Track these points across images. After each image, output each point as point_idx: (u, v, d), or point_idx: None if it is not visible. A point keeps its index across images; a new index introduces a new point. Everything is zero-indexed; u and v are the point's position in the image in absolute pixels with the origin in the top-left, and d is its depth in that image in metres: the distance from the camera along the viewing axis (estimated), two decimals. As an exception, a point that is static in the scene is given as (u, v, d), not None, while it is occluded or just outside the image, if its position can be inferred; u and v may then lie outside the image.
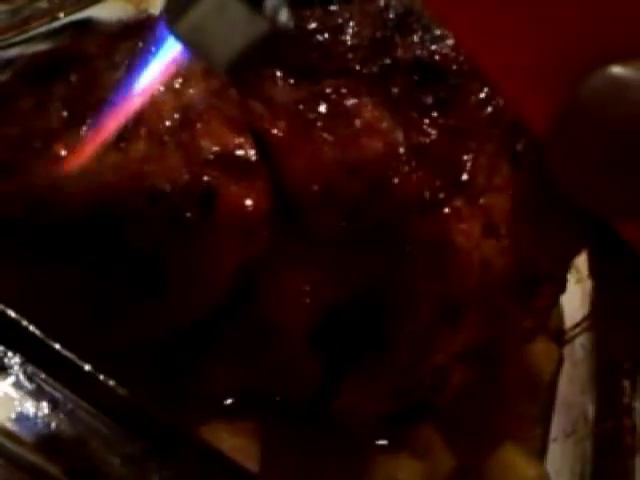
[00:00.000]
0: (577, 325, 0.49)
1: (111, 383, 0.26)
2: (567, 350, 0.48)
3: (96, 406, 0.26)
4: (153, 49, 0.31)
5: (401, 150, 0.32)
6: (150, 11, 0.48)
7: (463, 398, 0.38)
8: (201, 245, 0.30)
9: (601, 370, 0.42)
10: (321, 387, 0.34)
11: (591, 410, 0.41)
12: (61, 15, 0.40)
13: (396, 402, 0.35)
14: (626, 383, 0.40)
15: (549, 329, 0.48)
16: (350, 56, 0.33)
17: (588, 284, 0.50)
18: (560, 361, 0.47)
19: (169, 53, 0.28)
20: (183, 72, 0.33)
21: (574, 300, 0.51)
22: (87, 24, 0.46)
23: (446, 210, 0.32)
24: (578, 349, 0.47)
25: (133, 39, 0.35)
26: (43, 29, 0.42)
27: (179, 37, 0.24)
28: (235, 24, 0.23)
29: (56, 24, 0.44)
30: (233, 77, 0.33)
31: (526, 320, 0.37)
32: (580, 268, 0.51)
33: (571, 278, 0.51)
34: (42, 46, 0.41)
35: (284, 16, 0.23)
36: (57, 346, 0.27)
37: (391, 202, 0.31)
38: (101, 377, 0.26)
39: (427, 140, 0.32)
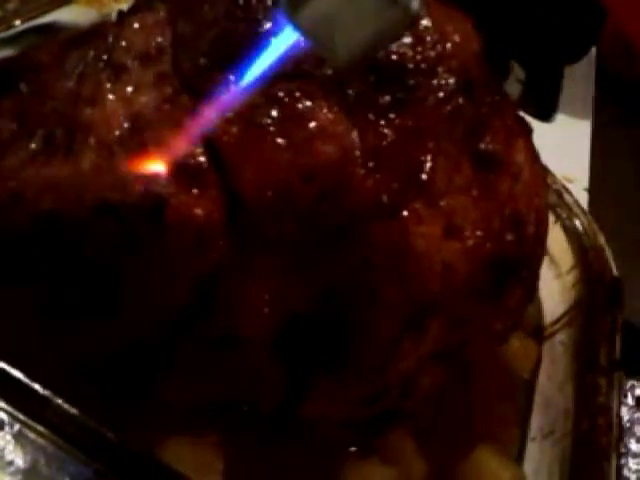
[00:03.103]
0: (557, 321, 0.48)
1: (62, 402, 0.25)
2: (546, 347, 0.47)
3: (47, 426, 0.26)
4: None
5: (357, 153, 0.31)
6: (112, 15, 0.47)
7: (436, 401, 0.38)
8: (153, 258, 0.29)
9: (578, 368, 0.42)
10: (286, 396, 0.33)
11: (569, 409, 0.41)
12: (17, 22, 0.40)
13: (364, 408, 0.35)
14: (602, 381, 0.39)
15: (527, 326, 0.48)
16: (305, 58, 0.32)
17: (567, 279, 0.50)
18: (539, 358, 0.46)
19: (284, 44, 0.26)
20: (134, 79, 0.32)
21: (553, 295, 0.50)
22: (50, 28, 0.46)
23: (405, 213, 0.31)
24: (557, 346, 0.47)
25: (85, 47, 0.34)
26: (1, 35, 0.42)
27: (299, 28, 0.23)
28: (364, 14, 0.21)
29: (18, 29, 0.43)
30: (184, 83, 0.32)
31: (497, 321, 0.37)
32: (559, 263, 0.51)
33: (550, 273, 0.51)
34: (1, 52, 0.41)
35: (416, 4, 0.21)
36: (3, 365, 0.26)
37: (348, 207, 0.31)
38: (51, 396, 0.25)
39: (384, 142, 0.32)
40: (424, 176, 0.32)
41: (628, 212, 0.78)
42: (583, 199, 0.67)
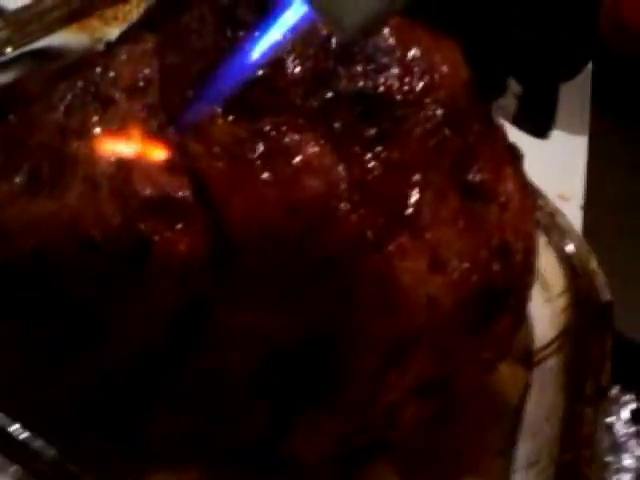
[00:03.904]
0: (546, 346, 0.48)
1: (39, 444, 0.25)
2: (536, 373, 0.47)
3: (24, 468, 0.26)
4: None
5: (343, 187, 0.31)
6: (106, 38, 0.48)
7: (421, 431, 0.38)
8: (137, 294, 0.30)
9: (565, 397, 0.42)
10: (270, 430, 0.33)
11: (555, 438, 0.41)
12: (8, 50, 0.40)
13: (348, 442, 0.35)
14: (588, 411, 0.39)
15: (517, 351, 0.47)
16: (292, 90, 0.32)
17: (558, 303, 0.50)
18: (527, 385, 0.46)
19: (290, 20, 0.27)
20: (121, 112, 0.33)
21: (544, 320, 0.50)
22: (43, 54, 0.46)
23: (390, 247, 0.32)
24: (547, 372, 0.46)
25: (73, 78, 0.34)
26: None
27: (309, 1, 0.23)
28: None
29: (10, 55, 0.43)
30: (171, 115, 0.32)
31: (484, 351, 0.37)
32: (551, 286, 0.51)
33: (541, 297, 0.51)
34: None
35: None
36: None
37: (333, 241, 0.31)
38: (27, 438, 0.25)
39: (370, 175, 0.32)
40: (410, 209, 0.32)
41: (624, 228, 0.78)
42: (578, 216, 0.67)
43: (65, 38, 0.45)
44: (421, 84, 0.33)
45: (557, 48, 0.75)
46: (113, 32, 0.46)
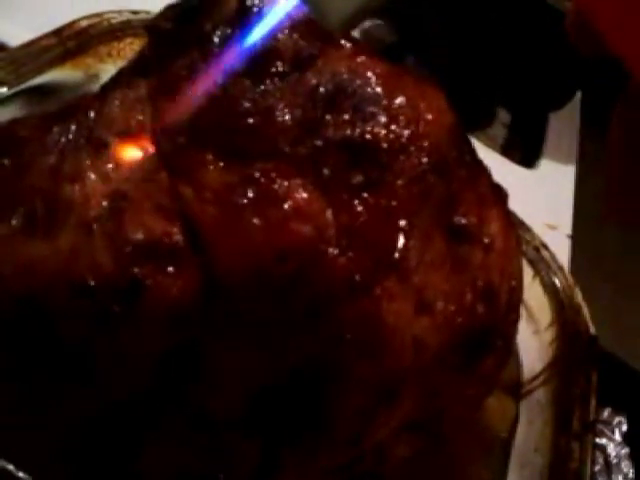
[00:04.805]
0: (534, 378, 0.49)
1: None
2: (524, 404, 0.48)
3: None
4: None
5: (331, 232, 0.32)
6: (100, 75, 0.49)
7: (411, 467, 0.38)
8: (128, 337, 0.30)
9: (553, 430, 0.42)
10: (259, 467, 0.34)
11: (544, 472, 0.41)
12: (3, 90, 0.41)
13: (337, 478, 0.35)
14: (575, 446, 0.40)
15: (506, 382, 0.48)
16: (281, 138, 0.33)
17: (546, 336, 0.50)
18: (516, 417, 0.47)
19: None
20: (114, 156, 0.33)
21: (532, 352, 0.51)
22: (38, 91, 0.47)
23: (377, 290, 0.32)
24: (535, 404, 0.47)
25: (67, 122, 0.35)
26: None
27: None
28: None
29: (6, 94, 0.44)
30: (163, 161, 0.33)
31: (469, 389, 0.37)
32: (538, 319, 0.52)
33: (529, 329, 0.52)
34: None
35: None
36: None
37: (321, 286, 0.31)
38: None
39: (357, 221, 0.32)
40: (396, 254, 0.33)
41: (612, 257, 0.79)
42: (566, 245, 0.68)
43: (60, 75, 0.45)
44: (406, 132, 0.34)
45: (546, 78, 0.76)
46: (108, 69, 0.47)
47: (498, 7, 0.75)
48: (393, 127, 0.34)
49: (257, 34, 0.32)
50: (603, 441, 0.51)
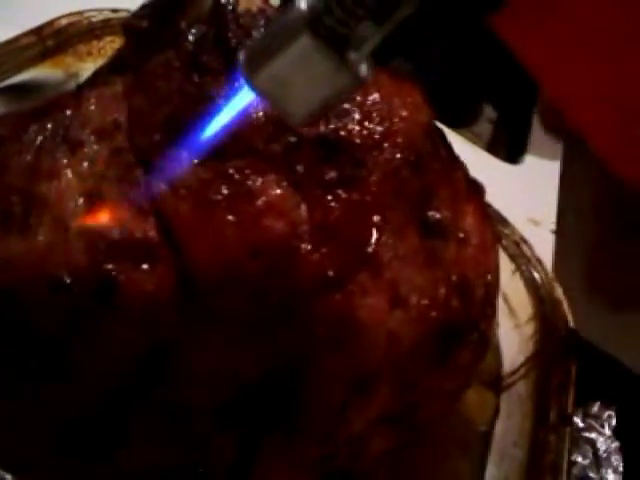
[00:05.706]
0: (515, 372, 0.49)
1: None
2: (504, 398, 0.48)
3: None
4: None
5: (304, 228, 0.32)
6: (80, 74, 0.49)
7: (390, 462, 0.39)
8: (103, 332, 0.30)
9: (531, 423, 0.43)
10: (237, 462, 0.34)
11: (522, 464, 0.42)
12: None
13: (314, 472, 0.35)
14: (552, 438, 0.40)
15: (486, 376, 0.49)
16: (255, 135, 0.33)
17: (526, 330, 0.51)
18: (496, 410, 0.47)
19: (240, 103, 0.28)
20: (90, 154, 0.34)
21: (512, 345, 0.51)
22: (17, 89, 0.47)
23: (350, 286, 0.33)
24: (515, 397, 0.48)
25: (44, 120, 0.35)
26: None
27: (256, 87, 0.24)
28: (318, 78, 0.23)
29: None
30: (138, 158, 0.33)
31: (445, 383, 0.38)
32: (519, 313, 0.52)
33: (510, 323, 0.52)
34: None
35: (364, 71, 0.23)
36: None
37: (294, 282, 0.32)
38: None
39: (331, 217, 0.33)
40: (369, 249, 0.33)
41: (596, 251, 0.79)
42: (550, 240, 0.68)
43: (40, 73, 0.45)
44: (380, 128, 0.34)
45: (532, 74, 0.76)
46: (87, 67, 0.47)
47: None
48: (367, 123, 0.34)
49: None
50: (593, 435, 0.52)
